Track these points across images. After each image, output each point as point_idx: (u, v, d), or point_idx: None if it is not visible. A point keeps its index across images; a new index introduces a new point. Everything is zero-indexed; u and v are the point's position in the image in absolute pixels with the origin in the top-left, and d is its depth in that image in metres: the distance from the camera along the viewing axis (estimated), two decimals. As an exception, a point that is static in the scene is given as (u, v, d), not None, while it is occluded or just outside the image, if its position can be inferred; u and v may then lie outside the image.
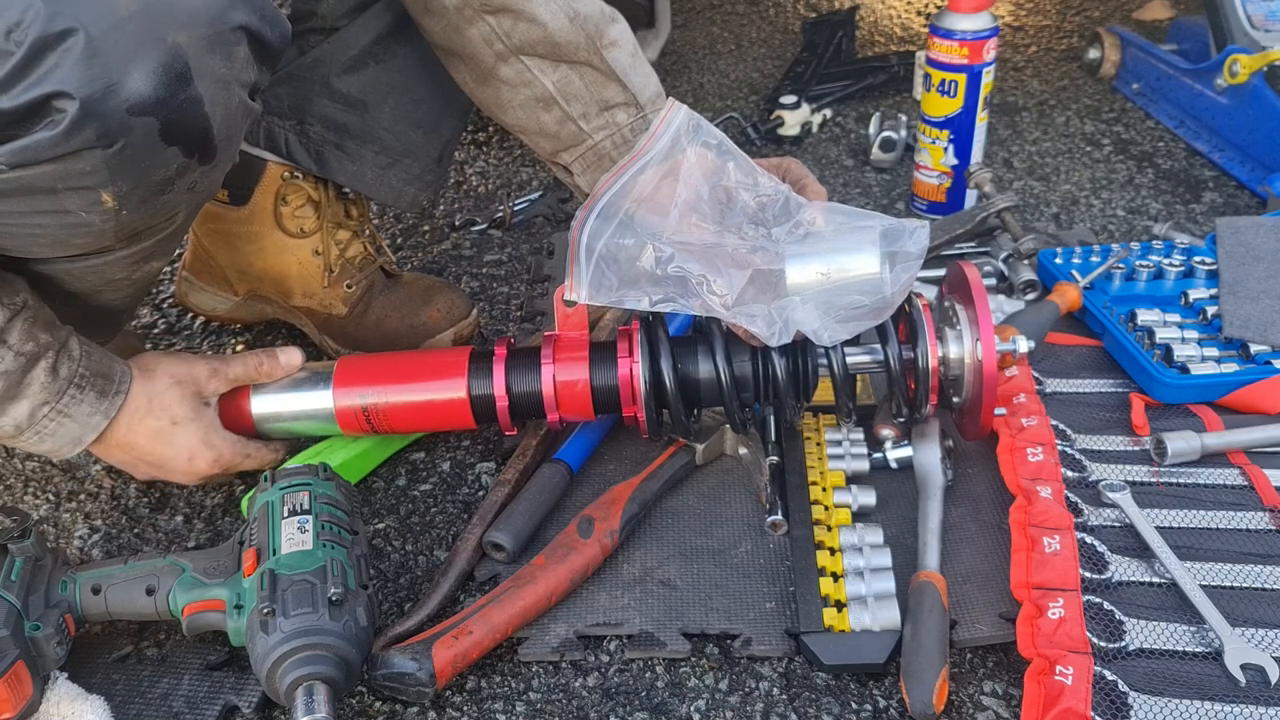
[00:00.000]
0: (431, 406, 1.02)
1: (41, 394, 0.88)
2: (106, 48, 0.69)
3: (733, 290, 0.93)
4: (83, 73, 0.69)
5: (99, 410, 0.92)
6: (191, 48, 0.73)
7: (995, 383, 0.95)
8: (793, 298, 0.93)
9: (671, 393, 0.99)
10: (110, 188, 0.75)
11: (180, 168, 0.78)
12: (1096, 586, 0.89)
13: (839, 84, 1.98)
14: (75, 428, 0.91)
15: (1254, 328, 1.15)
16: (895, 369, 0.98)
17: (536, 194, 1.67)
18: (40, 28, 0.67)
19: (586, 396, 1.00)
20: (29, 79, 0.68)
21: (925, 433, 1.06)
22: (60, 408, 0.89)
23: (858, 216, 0.96)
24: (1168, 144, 1.75)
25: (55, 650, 0.85)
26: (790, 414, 1.02)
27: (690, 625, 0.92)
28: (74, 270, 0.88)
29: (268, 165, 1.18)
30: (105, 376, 0.92)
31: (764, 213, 0.97)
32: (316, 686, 0.80)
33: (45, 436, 0.90)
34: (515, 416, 1.02)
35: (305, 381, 1.04)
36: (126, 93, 0.71)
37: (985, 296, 0.96)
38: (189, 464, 0.99)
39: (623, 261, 0.96)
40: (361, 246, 1.26)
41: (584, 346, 1.01)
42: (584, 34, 0.98)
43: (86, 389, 0.91)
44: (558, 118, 1.02)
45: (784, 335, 0.92)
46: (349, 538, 0.89)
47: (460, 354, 1.03)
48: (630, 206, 0.97)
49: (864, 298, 0.93)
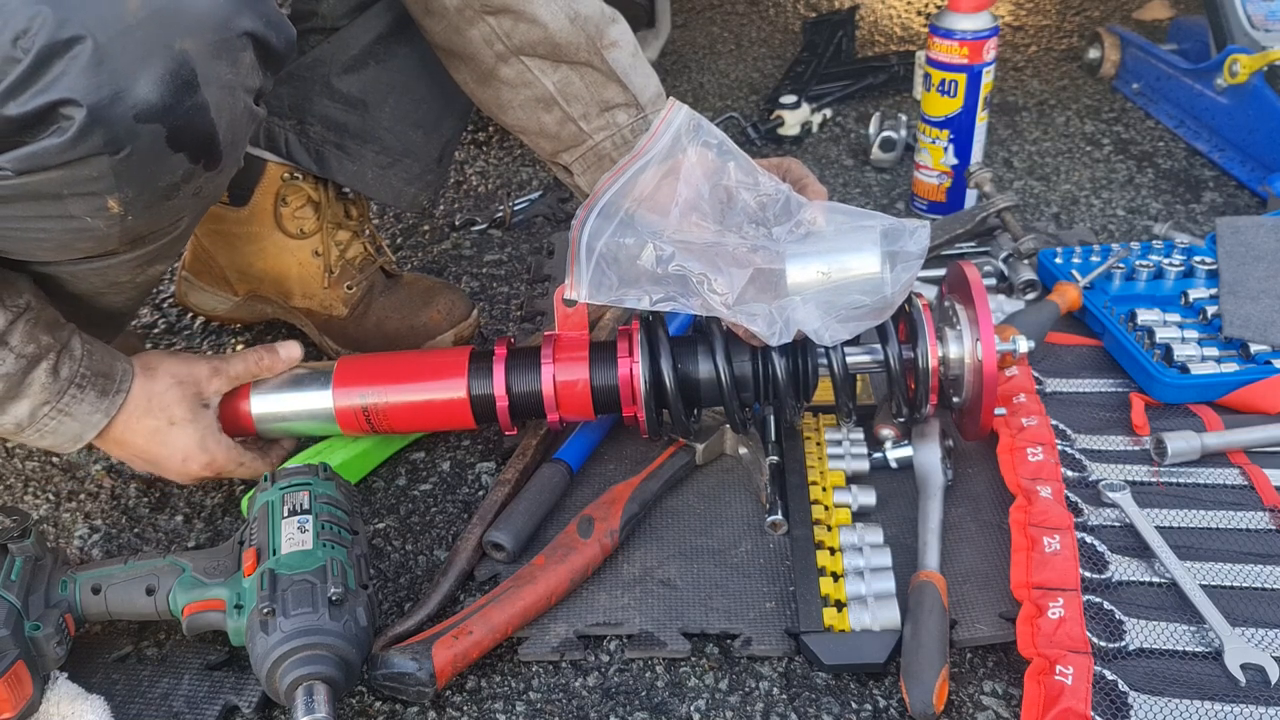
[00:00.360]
0: (431, 406, 1.02)
1: (42, 394, 0.88)
2: (114, 55, 0.69)
3: (733, 289, 0.93)
4: (90, 80, 0.69)
5: (99, 409, 0.92)
6: (198, 54, 0.73)
7: (995, 383, 0.95)
8: (793, 297, 0.93)
9: (671, 392, 0.99)
10: (116, 194, 0.76)
11: (186, 173, 0.78)
12: (1096, 586, 0.89)
13: (839, 84, 1.98)
14: (76, 426, 0.91)
15: (1254, 327, 1.15)
16: (895, 369, 0.98)
17: (536, 194, 1.67)
18: (48, 35, 0.67)
19: (586, 396, 1.00)
20: (36, 86, 0.68)
21: (925, 433, 1.06)
22: (61, 407, 0.90)
23: (858, 216, 0.96)
24: (1168, 144, 1.75)
25: (55, 650, 0.85)
26: (790, 414, 1.02)
27: (690, 625, 0.92)
28: (77, 273, 0.89)
29: (267, 165, 1.18)
30: (106, 375, 0.93)
31: (765, 212, 0.97)
32: (316, 686, 0.80)
33: (46, 434, 0.90)
34: (515, 416, 1.02)
35: (305, 381, 1.04)
36: (133, 100, 0.71)
37: (985, 296, 0.96)
38: (182, 465, 1.00)
39: (623, 261, 0.96)
40: (362, 247, 1.26)
41: (584, 346, 1.01)
42: (584, 35, 0.98)
43: (87, 388, 0.91)
44: (558, 118, 1.02)
45: (785, 335, 0.92)
46: (349, 538, 0.89)
47: (460, 354, 1.03)
48: (630, 206, 0.97)
49: (865, 297, 0.93)
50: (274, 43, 0.79)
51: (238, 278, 1.28)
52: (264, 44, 0.78)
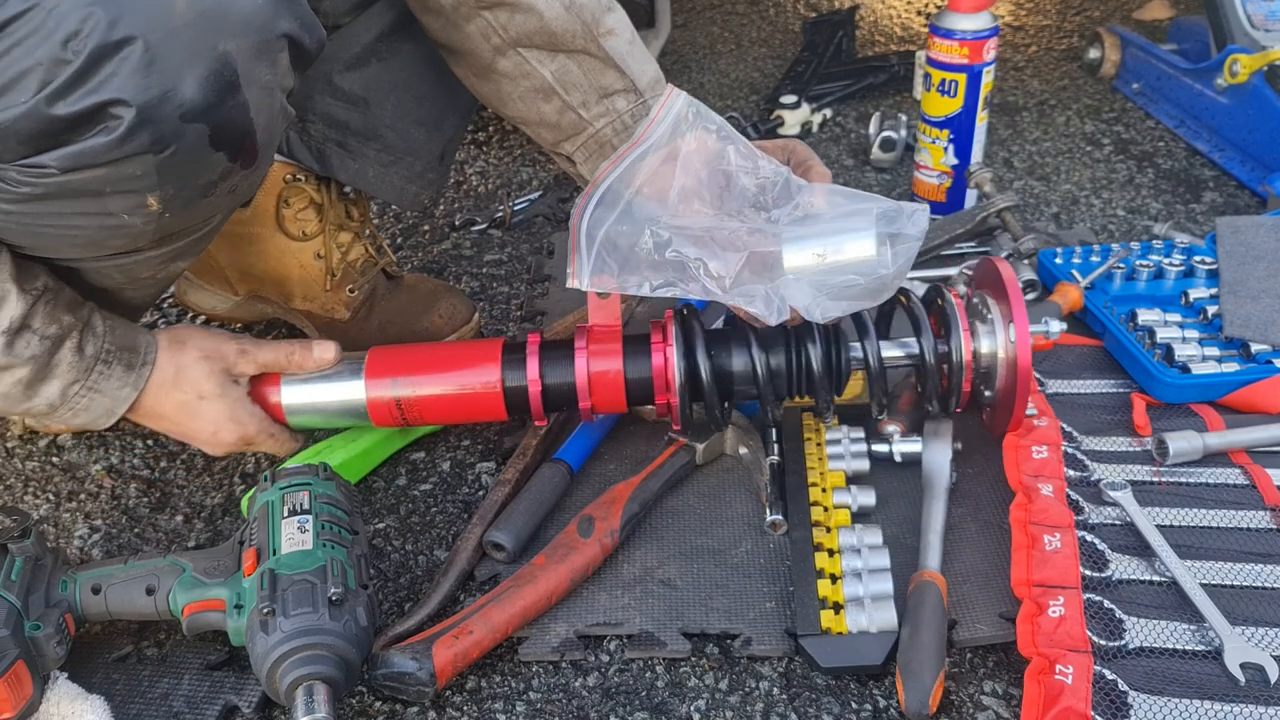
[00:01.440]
0: (465, 398, 1.02)
1: (70, 373, 0.89)
2: (163, 56, 0.71)
3: (730, 272, 0.93)
4: (140, 80, 0.70)
5: (127, 383, 0.93)
6: (240, 55, 0.75)
7: (1029, 376, 0.95)
8: (789, 277, 0.93)
9: (707, 383, 0.98)
10: (157, 191, 0.77)
11: (224, 171, 0.80)
12: (1097, 584, 0.88)
13: (839, 84, 1.98)
14: (106, 401, 0.93)
15: (1254, 327, 1.15)
16: (930, 362, 0.98)
17: (536, 194, 1.67)
18: (100, 36, 0.69)
19: (620, 385, 1.00)
20: (86, 86, 0.70)
21: (938, 432, 1.05)
22: (90, 384, 0.91)
23: (857, 199, 0.96)
24: (1168, 144, 1.75)
25: (55, 650, 0.84)
26: (822, 406, 1.02)
27: (690, 625, 0.92)
28: (101, 269, 0.90)
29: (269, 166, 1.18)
30: (131, 350, 0.94)
31: (764, 195, 0.97)
32: (316, 686, 0.80)
33: (79, 411, 0.92)
34: (548, 407, 1.02)
35: (336, 372, 1.04)
36: (180, 100, 0.72)
37: (1019, 291, 0.97)
38: (214, 437, 1.01)
39: (623, 248, 0.96)
40: (363, 249, 1.26)
41: (617, 337, 1.01)
42: (580, 22, 0.98)
43: (114, 363, 0.92)
44: (558, 107, 1.02)
45: (782, 313, 0.92)
46: (349, 537, 0.89)
47: (493, 345, 1.03)
48: (630, 193, 0.98)
49: (859, 278, 0.93)
50: (307, 43, 0.81)
51: (238, 278, 1.28)
52: (298, 45, 0.80)
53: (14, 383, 0.88)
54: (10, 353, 0.85)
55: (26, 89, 0.70)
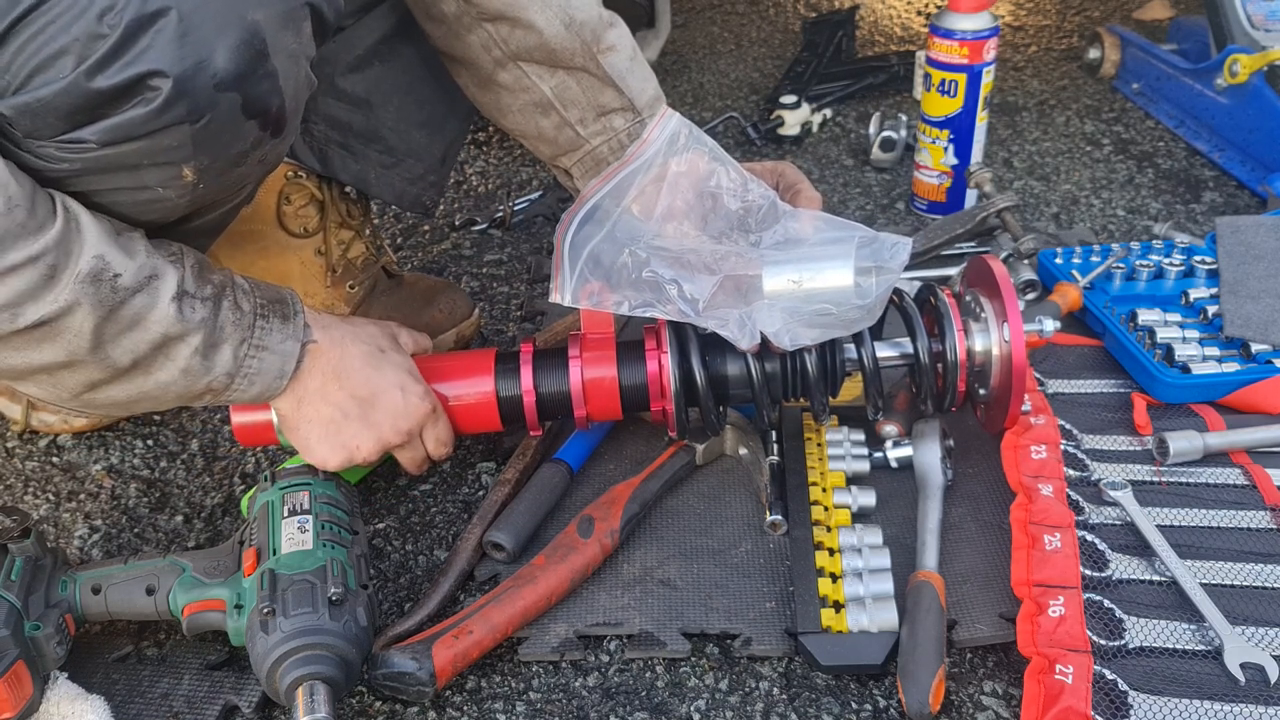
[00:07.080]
0: (459, 409, 1.01)
1: (236, 332, 0.86)
2: (196, 25, 0.71)
3: (704, 295, 0.93)
4: (176, 51, 0.71)
5: (289, 335, 0.89)
6: (268, 24, 0.75)
7: (1024, 374, 0.95)
8: (762, 302, 0.93)
9: (702, 387, 0.98)
10: (192, 162, 0.78)
11: (255, 140, 0.81)
12: (1097, 584, 0.89)
13: (839, 84, 1.98)
14: (276, 359, 0.88)
15: (1255, 327, 1.15)
16: (925, 362, 0.98)
17: (536, 194, 1.67)
18: (135, 9, 0.69)
19: (614, 392, 0.99)
20: (124, 59, 0.70)
21: (925, 432, 1.06)
22: (256, 341, 0.87)
23: (840, 227, 0.96)
24: (1168, 144, 1.75)
25: (55, 650, 0.85)
26: (817, 409, 1.02)
27: (690, 625, 0.92)
28: None
29: (270, 164, 1.18)
30: (279, 300, 0.91)
31: (749, 218, 0.97)
32: (316, 686, 0.80)
33: (253, 378, 0.88)
34: (543, 415, 1.02)
35: None
36: (214, 69, 0.73)
37: (1012, 288, 0.97)
38: (402, 397, 0.95)
39: (606, 265, 0.96)
40: (364, 246, 1.26)
41: (611, 344, 1.01)
42: (580, 40, 0.98)
43: (271, 316, 0.89)
44: (555, 123, 1.02)
45: (753, 337, 0.92)
46: (349, 538, 0.89)
47: (485, 355, 1.03)
48: (617, 212, 0.98)
49: (832, 306, 0.93)
50: (326, 13, 0.81)
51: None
52: (319, 14, 0.81)
53: (191, 353, 0.83)
54: (182, 319, 0.82)
55: (65, 64, 0.70)
